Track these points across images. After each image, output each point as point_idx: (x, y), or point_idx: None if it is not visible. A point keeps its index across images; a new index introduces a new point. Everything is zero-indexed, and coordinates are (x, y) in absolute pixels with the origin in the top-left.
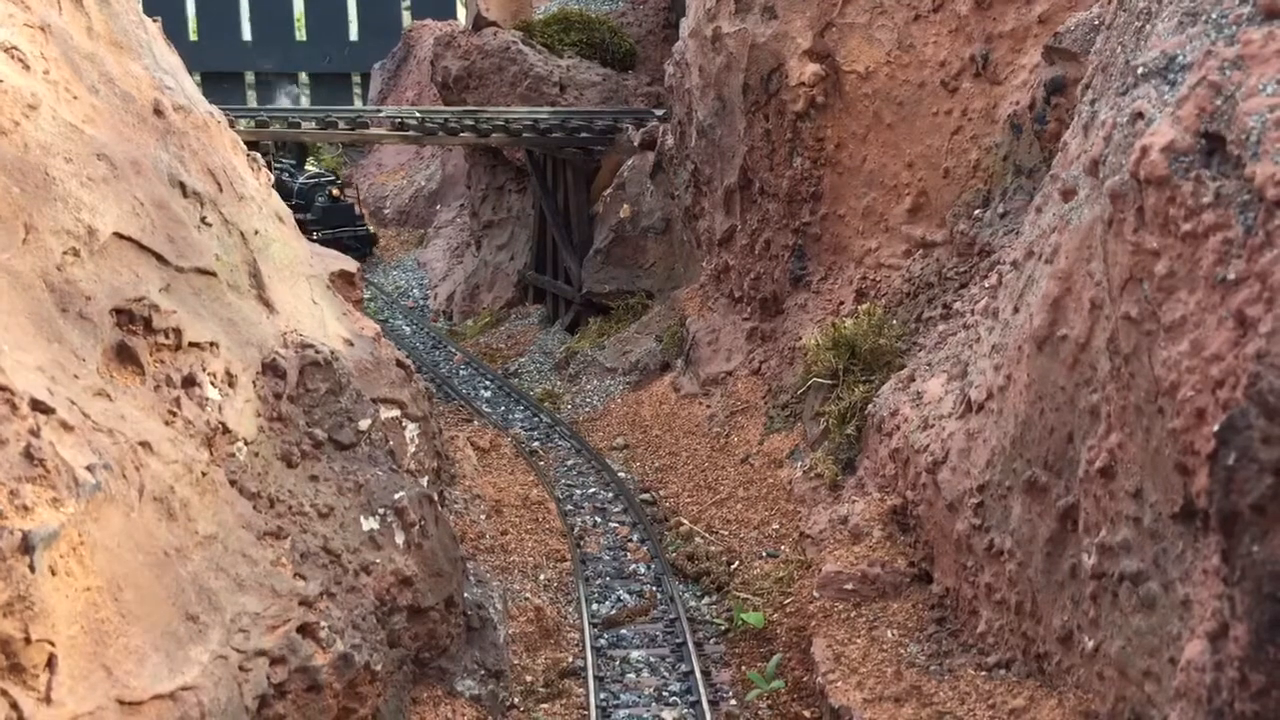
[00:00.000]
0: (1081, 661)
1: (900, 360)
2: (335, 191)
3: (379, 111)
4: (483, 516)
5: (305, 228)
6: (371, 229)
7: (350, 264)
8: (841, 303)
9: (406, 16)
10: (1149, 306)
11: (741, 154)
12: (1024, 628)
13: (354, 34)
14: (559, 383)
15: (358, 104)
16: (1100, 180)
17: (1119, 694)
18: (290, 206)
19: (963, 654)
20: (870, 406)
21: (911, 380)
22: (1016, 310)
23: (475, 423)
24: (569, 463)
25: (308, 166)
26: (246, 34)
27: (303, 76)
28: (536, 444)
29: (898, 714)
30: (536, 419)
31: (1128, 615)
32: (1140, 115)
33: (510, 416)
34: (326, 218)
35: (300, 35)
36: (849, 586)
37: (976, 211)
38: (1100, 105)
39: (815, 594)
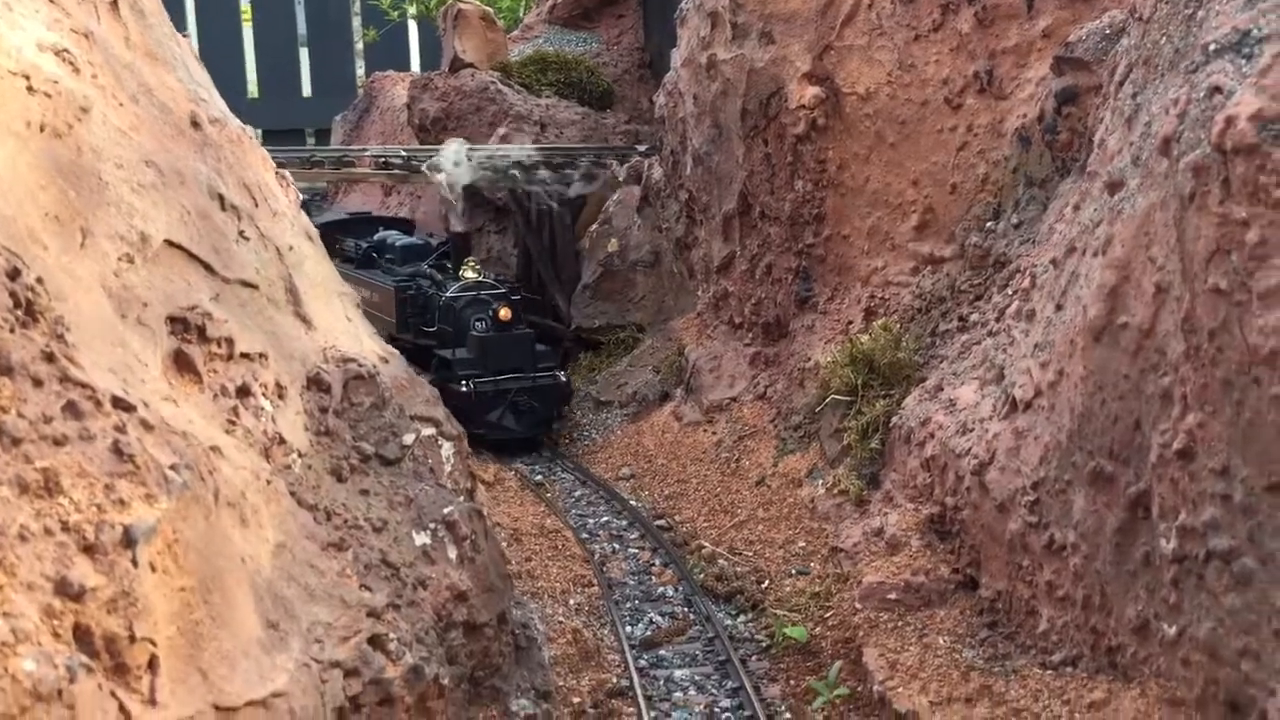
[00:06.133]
0: (1161, 650)
1: (920, 373)
2: (504, 312)
3: (364, 150)
4: (504, 544)
5: (450, 370)
6: (563, 375)
7: None
8: (850, 322)
9: (360, 73)
10: (1239, 277)
11: (740, 179)
12: (1092, 622)
13: (306, 90)
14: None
15: None
16: (1175, 158)
17: (1209, 677)
18: (427, 335)
19: (1022, 655)
20: (895, 419)
21: (939, 390)
22: (1060, 307)
23: (476, 457)
24: (576, 493)
25: (465, 273)
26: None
27: (257, 133)
28: (539, 477)
29: (970, 714)
30: (535, 453)
31: (1218, 595)
32: (1218, 89)
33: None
34: (487, 355)
35: (253, 93)
36: (892, 596)
37: (988, 224)
38: (1147, 95)
39: (858, 606)
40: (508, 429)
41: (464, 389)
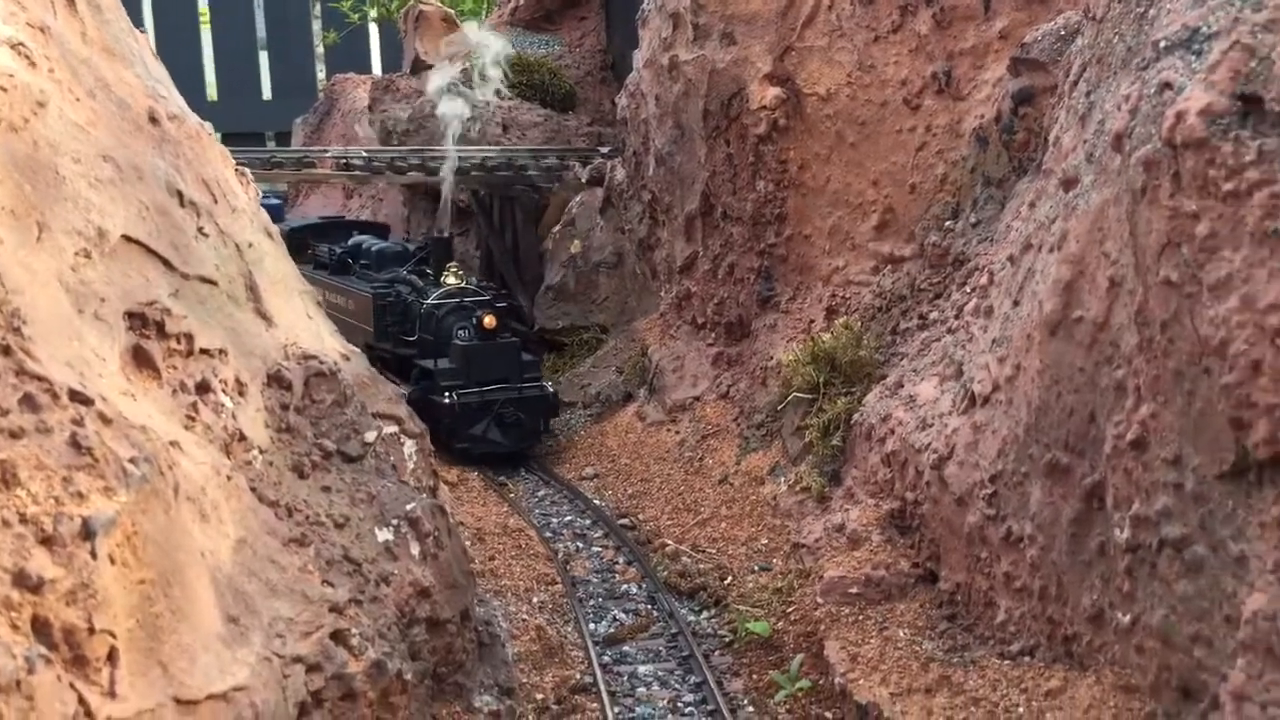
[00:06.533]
0: (1116, 638)
1: (880, 371)
2: (489, 320)
3: (325, 151)
4: (467, 543)
5: (432, 381)
6: (551, 386)
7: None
8: (812, 321)
9: (321, 76)
10: (1189, 269)
11: (703, 180)
12: (1049, 612)
13: (267, 93)
14: None
15: None
16: (1126, 154)
17: (1162, 664)
18: (407, 345)
19: (981, 646)
20: (856, 416)
21: (899, 386)
22: (1017, 303)
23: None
24: (539, 493)
25: (446, 279)
26: None
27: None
28: (503, 477)
29: (930, 704)
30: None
31: (1170, 583)
32: (1169, 85)
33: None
34: (471, 365)
35: (211, 96)
36: (853, 590)
37: (947, 223)
38: (1101, 93)
39: (819, 600)
40: (494, 442)
41: (447, 401)
